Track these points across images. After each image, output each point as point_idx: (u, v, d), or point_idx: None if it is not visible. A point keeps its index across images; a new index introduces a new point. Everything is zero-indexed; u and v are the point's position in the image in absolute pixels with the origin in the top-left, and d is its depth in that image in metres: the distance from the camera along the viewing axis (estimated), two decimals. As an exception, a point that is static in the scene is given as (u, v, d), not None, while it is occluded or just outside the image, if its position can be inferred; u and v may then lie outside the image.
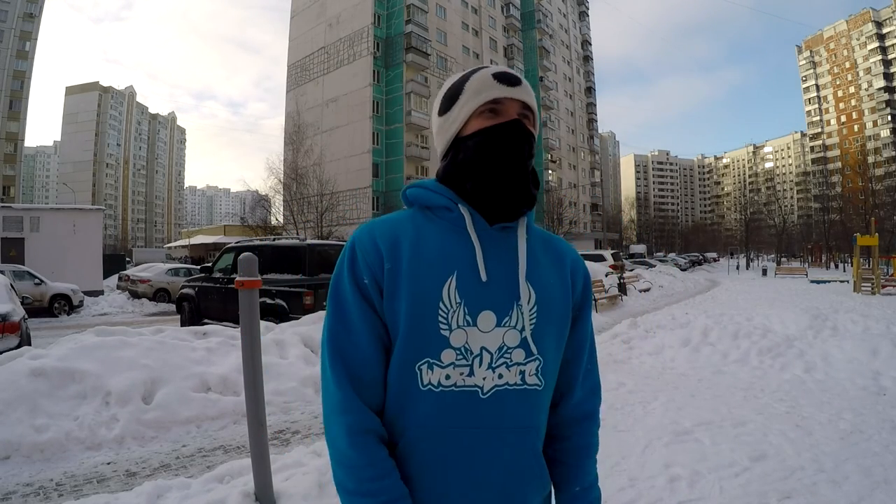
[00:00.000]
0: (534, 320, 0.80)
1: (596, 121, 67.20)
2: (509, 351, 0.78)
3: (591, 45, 67.82)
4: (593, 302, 12.39)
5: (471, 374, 0.77)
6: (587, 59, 66.61)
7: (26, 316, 6.75)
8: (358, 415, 0.77)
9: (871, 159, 71.25)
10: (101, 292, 17.34)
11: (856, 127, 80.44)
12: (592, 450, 0.92)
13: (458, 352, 0.77)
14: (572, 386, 0.90)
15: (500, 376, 0.78)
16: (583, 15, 66.96)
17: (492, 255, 0.80)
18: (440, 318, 0.76)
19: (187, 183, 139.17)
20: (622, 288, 15.45)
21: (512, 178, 0.81)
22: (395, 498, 0.74)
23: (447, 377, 0.77)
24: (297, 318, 6.76)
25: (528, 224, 0.87)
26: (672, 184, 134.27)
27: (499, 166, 0.80)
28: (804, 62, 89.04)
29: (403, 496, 0.75)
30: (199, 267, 12.61)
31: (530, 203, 0.84)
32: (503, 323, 0.78)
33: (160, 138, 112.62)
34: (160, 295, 16.55)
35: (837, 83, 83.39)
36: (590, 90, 66.43)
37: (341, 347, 0.79)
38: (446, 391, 0.77)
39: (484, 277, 0.78)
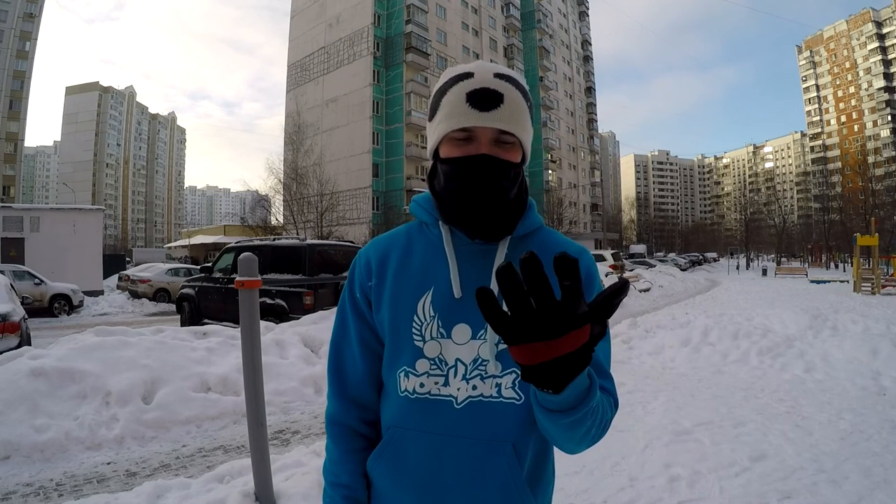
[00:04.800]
0: None
1: (596, 121, 67.19)
2: (484, 363, 0.79)
3: (591, 45, 67.82)
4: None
5: (445, 384, 0.80)
6: (587, 59, 66.60)
7: (26, 316, 6.75)
8: (336, 408, 0.90)
9: (871, 159, 71.36)
10: (101, 292, 17.35)
11: (856, 127, 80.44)
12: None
13: (432, 362, 0.80)
14: None
15: (475, 388, 0.79)
16: (583, 15, 66.94)
17: (469, 270, 0.82)
18: (414, 330, 0.81)
19: (187, 183, 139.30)
20: (622, 288, 15.43)
21: (481, 212, 0.80)
22: (345, 484, 0.86)
23: (422, 385, 0.80)
24: (297, 318, 6.75)
25: (530, 233, 0.86)
26: (672, 184, 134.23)
27: (465, 200, 0.79)
28: (804, 62, 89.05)
29: (350, 486, 0.86)
30: (199, 267, 12.61)
31: (506, 229, 0.83)
32: (478, 336, 0.79)
33: (160, 138, 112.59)
34: (160, 295, 16.55)
35: (837, 83, 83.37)
36: (590, 90, 66.42)
37: (337, 349, 0.91)
38: (421, 398, 0.80)
39: (457, 294, 0.80)
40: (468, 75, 0.80)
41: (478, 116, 0.77)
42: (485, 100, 0.77)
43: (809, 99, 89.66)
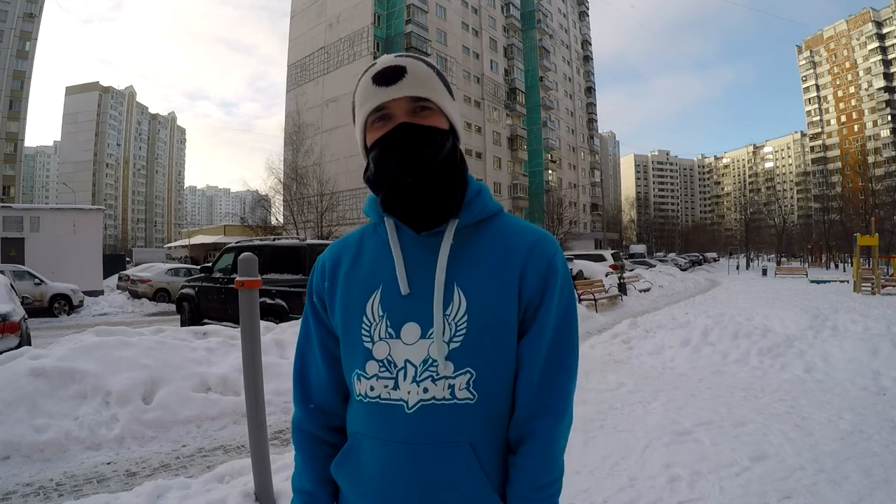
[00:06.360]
0: (463, 329, 0.75)
1: (596, 121, 67.22)
2: (435, 364, 0.75)
3: (591, 45, 67.84)
4: (593, 302, 12.36)
5: (395, 387, 0.76)
6: (587, 59, 66.62)
7: (26, 316, 6.75)
8: (299, 414, 0.91)
9: (871, 159, 71.35)
10: (101, 292, 17.33)
11: (856, 127, 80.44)
12: (527, 471, 0.76)
13: (381, 364, 0.77)
14: (519, 399, 0.79)
15: (426, 390, 0.75)
16: (583, 15, 66.96)
17: (417, 266, 0.79)
18: (363, 331, 0.79)
19: (187, 183, 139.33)
20: (622, 288, 15.45)
21: (410, 184, 0.76)
22: (307, 490, 0.87)
23: (372, 388, 0.78)
24: (297, 318, 6.76)
25: (484, 219, 0.83)
26: (672, 184, 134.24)
27: (393, 174, 0.77)
28: (804, 62, 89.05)
29: (312, 492, 0.87)
30: (199, 267, 12.61)
31: (446, 207, 0.79)
32: (428, 335, 0.76)
33: (160, 138, 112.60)
34: (160, 295, 16.54)
35: (837, 83, 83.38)
36: (590, 90, 66.45)
37: (302, 356, 0.92)
38: (372, 403, 0.78)
39: (404, 291, 0.77)
40: (372, 66, 0.81)
41: (385, 91, 0.77)
42: (389, 75, 0.77)
43: (809, 99, 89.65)
